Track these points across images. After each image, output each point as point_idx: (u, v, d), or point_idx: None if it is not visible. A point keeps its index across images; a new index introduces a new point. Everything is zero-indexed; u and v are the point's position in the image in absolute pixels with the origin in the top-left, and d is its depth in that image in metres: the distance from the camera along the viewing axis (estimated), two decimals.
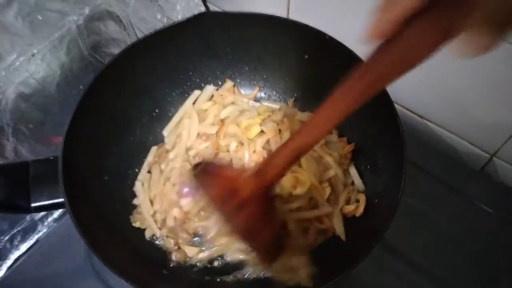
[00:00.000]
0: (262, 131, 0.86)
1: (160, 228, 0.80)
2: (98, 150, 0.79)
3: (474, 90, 0.80)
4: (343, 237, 0.76)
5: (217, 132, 0.87)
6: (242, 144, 0.85)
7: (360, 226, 0.74)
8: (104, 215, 0.75)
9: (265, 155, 0.84)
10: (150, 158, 0.88)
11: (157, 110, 0.91)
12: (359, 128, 0.82)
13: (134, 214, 0.81)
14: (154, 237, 0.80)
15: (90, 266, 0.80)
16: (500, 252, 0.79)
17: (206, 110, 0.92)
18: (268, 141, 0.85)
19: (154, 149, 0.89)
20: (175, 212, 0.80)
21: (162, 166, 0.86)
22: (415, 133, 0.95)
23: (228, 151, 0.86)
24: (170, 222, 0.79)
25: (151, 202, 0.82)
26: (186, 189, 0.80)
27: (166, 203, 0.81)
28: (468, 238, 0.81)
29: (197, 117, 0.90)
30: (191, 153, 0.87)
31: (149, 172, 0.86)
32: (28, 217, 0.84)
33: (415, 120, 0.94)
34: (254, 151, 0.84)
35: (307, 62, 0.87)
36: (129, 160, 0.86)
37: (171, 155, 0.87)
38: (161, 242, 0.79)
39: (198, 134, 0.89)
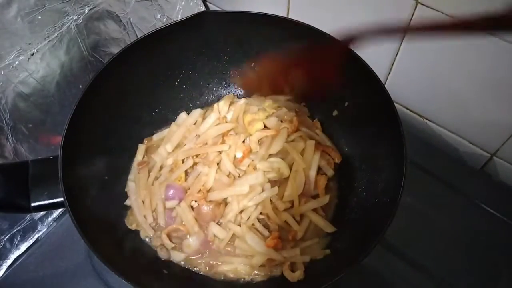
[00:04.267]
0: (265, 127, 0.86)
1: (154, 229, 0.79)
2: (97, 150, 0.79)
3: (474, 89, 0.80)
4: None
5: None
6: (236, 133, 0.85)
7: (360, 226, 0.74)
8: (104, 214, 0.75)
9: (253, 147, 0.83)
10: (139, 156, 0.87)
11: (156, 110, 0.91)
12: (359, 127, 0.82)
13: (128, 215, 0.80)
14: (151, 237, 0.79)
15: (90, 266, 0.80)
16: (500, 252, 0.79)
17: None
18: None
19: (141, 147, 0.88)
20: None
21: (150, 165, 0.85)
22: (415, 132, 0.95)
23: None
24: (161, 222, 0.79)
25: (143, 202, 0.81)
26: (171, 191, 0.79)
27: (155, 202, 0.80)
28: (468, 238, 0.81)
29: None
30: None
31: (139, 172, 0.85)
32: (28, 217, 0.84)
33: (415, 119, 0.94)
34: (244, 141, 0.84)
35: None
36: (129, 160, 0.86)
37: (162, 151, 0.86)
38: (151, 240, 0.78)
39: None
